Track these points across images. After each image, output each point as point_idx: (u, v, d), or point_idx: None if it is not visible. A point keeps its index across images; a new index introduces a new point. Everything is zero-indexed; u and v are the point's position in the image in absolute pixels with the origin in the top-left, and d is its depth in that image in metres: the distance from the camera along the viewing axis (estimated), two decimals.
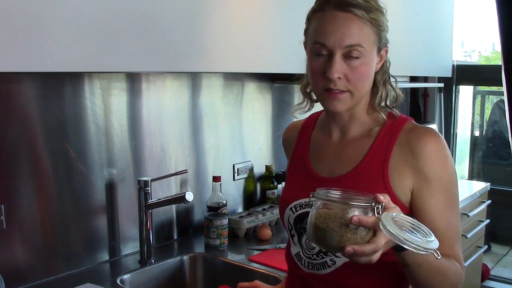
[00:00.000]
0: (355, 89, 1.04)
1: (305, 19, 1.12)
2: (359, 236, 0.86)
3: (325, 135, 1.18)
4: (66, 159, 1.64)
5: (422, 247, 0.82)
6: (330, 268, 1.09)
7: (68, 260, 1.67)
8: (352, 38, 1.01)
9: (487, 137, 4.30)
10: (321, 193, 0.90)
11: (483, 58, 6.42)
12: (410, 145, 1.05)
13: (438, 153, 1.04)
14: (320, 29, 1.04)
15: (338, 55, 1.01)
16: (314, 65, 1.05)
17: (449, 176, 1.05)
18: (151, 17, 1.40)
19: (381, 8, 1.06)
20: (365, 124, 1.12)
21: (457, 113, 3.68)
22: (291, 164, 1.24)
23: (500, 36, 1.34)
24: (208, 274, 1.85)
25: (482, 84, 3.97)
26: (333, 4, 1.02)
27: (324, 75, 1.03)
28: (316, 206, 0.91)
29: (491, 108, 4.31)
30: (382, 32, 1.06)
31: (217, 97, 2.15)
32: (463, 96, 3.79)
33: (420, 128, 1.08)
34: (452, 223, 1.04)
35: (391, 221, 0.83)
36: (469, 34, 6.33)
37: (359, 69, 1.03)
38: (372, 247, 0.85)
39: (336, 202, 0.88)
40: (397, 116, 1.11)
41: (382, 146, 1.08)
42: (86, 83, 1.69)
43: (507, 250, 4.04)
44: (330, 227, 0.87)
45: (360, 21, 1.01)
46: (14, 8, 1.11)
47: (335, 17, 1.02)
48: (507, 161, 4.17)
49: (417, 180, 1.04)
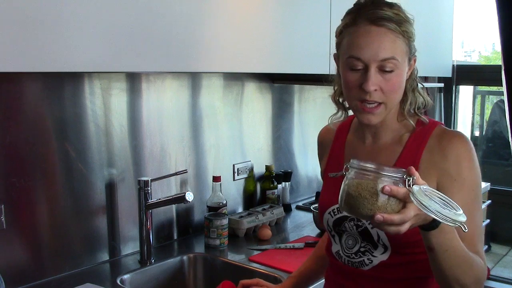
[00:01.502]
0: (389, 100, 1.09)
1: (336, 32, 1.14)
2: (389, 206, 0.88)
3: (358, 140, 1.23)
4: (66, 159, 1.64)
5: (451, 218, 0.84)
6: (367, 266, 1.15)
7: (68, 260, 1.67)
8: (386, 51, 1.04)
9: (487, 137, 4.30)
10: (355, 162, 0.92)
11: (483, 58, 6.42)
12: (440, 147, 1.09)
13: (466, 155, 1.08)
14: (354, 44, 1.07)
15: (373, 68, 1.05)
16: (349, 78, 1.09)
17: (473, 177, 1.09)
18: (151, 17, 1.40)
19: (410, 20, 1.10)
20: (395, 130, 1.17)
21: (457, 113, 3.68)
22: (328, 167, 1.28)
23: (500, 36, 1.34)
24: (208, 274, 1.85)
25: (482, 84, 3.96)
26: (366, 18, 1.05)
27: (360, 88, 1.07)
28: (349, 177, 0.93)
29: (491, 108, 4.31)
30: (412, 43, 1.11)
31: (217, 97, 2.15)
32: (463, 96, 3.79)
33: (450, 132, 1.13)
34: (474, 221, 1.06)
35: (422, 193, 0.85)
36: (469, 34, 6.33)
37: (393, 81, 1.07)
38: (401, 216, 0.87)
39: (369, 172, 0.90)
40: (426, 122, 1.15)
41: (411, 152, 1.13)
42: (86, 83, 1.69)
43: (507, 250, 4.04)
44: (362, 195, 0.89)
45: (393, 34, 1.05)
46: (14, 8, 1.11)
47: (368, 31, 1.05)
48: (507, 161, 4.16)
49: (443, 180, 1.08)
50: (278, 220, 2.24)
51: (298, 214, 2.43)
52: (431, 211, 0.84)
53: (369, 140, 1.20)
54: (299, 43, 1.86)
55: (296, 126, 2.60)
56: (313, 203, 2.39)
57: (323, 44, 1.93)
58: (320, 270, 1.44)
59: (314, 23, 1.91)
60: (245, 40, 1.69)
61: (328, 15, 1.94)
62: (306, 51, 1.89)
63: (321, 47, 1.93)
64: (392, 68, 1.05)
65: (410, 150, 1.13)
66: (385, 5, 1.07)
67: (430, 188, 0.90)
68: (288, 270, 1.69)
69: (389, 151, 1.16)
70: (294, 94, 2.56)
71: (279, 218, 2.23)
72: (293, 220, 2.34)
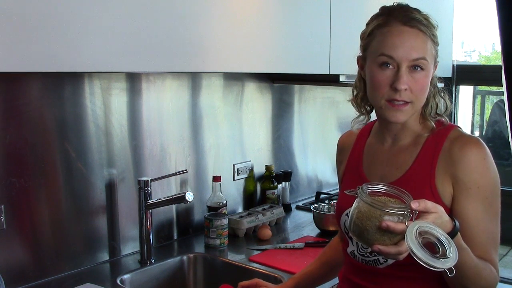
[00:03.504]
0: (416, 99, 1.11)
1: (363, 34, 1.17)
2: (387, 238, 0.95)
3: (378, 143, 1.25)
4: (66, 159, 1.64)
5: (436, 266, 0.89)
6: (382, 264, 1.16)
7: (68, 260, 1.67)
8: (418, 52, 1.08)
9: (487, 137, 4.29)
10: (364, 194, 0.98)
11: (483, 58, 6.41)
12: (451, 153, 1.11)
13: (478, 162, 1.09)
14: (387, 42, 1.10)
15: (404, 67, 1.08)
16: (379, 76, 1.11)
17: (488, 185, 1.09)
18: (151, 17, 1.40)
19: (436, 25, 1.14)
20: (415, 132, 1.19)
21: (457, 113, 3.68)
22: (347, 169, 1.31)
23: (500, 36, 1.34)
24: (208, 274, 1.85)
25: (482, 84, 3.96)
26: (399, 19, 1.09)
27: (390, 86, 1.09)
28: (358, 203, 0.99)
29: (491, 108, 4.31)
30: (437, 48, 1.14)
31: (217, 97, 2.15)
32: (463, 96, 3.79)
33: (463, 137, 1.13)
34: (489, 229, 1.09)
35: (414, 231, 0.90)
36: (469, 34, 6.32)
37: (421, 81, 1.10)
38: (398, 249, 0.93)
39: (374, 207, 0.96)
40: (446, 123, 1.17)
41: (428, 153, 1.14)
42: (86, 83, 1.69)
43: (507, 250, 4.03)
44: (366, 226, 0.96)
45: (424, 36, 1.10)
46: (14, 8, 1.11)
47: (402, 31, 1.09)
48: (507, 161, 4.16)
49: (456, 187, 1.10)
50: (278, 220, 2.24)
51: (298, 214, 2.43)
52: (417, 257, 0.89)
53: (389, 143, 1.22)
54: (299, 43, 1.86)
55: (296, 126, 2.60)
56: (313, 203, 2.39)
57: (323, 44, 1.93)
58: (323, 276, 1.45)
59: (314, 23, 1.91)
60: (245, 40, 1.69)
61: (328, 15, 1.94)
62: (306, 51, 1.89)
63: (321, 47, 1.93)
64: (422, 67, 1.09)
65: (426, 152, 1.14)
66: (415, 10, 1.12)
67: (429, 226, 0.93)
68: (288, 270, 1.69)
69: (407, 153, 1.17)
70: (294, 94, 2.56)
71: (279, 218, 2.23)
72: (293, 220, 2.34)
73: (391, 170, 1.18)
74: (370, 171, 1.23)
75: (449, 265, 0.90)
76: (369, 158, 1.25)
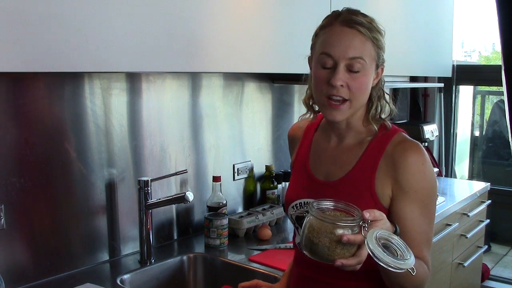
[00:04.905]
0: (354, 98, 1.14)
1: (313, 36, 1.22)
2: (346, 251, 0.98)
3: (324, 140, 1.29)
4: (66, 159, 1.64)
5: (398, 267, 0.94)
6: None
7: (68, 260, 1.67)
8: (355, 51, 1.12)
9: (487, 137, 4.30)
10: (314, 210, 1.00)
11: (483, 58, 6.42)
12: (393, 157, 1.15)
13: (417, 168, 1.14)
14: (327, 41, 1.15)
15: (342, 65, 1.12)
16: (319, 74, 1.16)
17: (425, 190, 1.14)
18: (151, 17, 1.40)
19: (381, 30, 1.17)
20: (360, 134, 1.22)
21: (457, 113, 3.68)
22: (295, 163, 1.33)
23: (500, 36, 1.34)
24: (208, 274, 1.85)
25: (482, 84, 3.97)
26: (340, 21, 1.15)
27: (328, 83, 1.13)
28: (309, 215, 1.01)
29: (491, 108, 4.31)
30: (380, 51, 1.17)
31: (217, 97, 2.15)
32: (463, 96, 3.79)
33: (405, 142, 1.17)
34: (423, 230, 1.15)
35: (374, 239, 0.94)
36: (469, 34, 6.32)
37: (360, 79, 1.13)
38: (358, 260, 0.98)
39: (327, 222, 0.98)
40: (389, 127, 1.21)
41: (371, 156, 1.18)
42: (86, 83, 1.69)
43: (507, 250, 4.04)
44: (322, 242, 0.98)
45: (363, 37, 1.13)
46: (14, 8, 1.11)
47: (341, 31, 1.14)
48: (507, 161, 4.17)
49: (395, 190, 1.14)
50: (278, 220, 2.24)
51: None
52: (380, 261, 0.93)
53: (334, 141, 1.25)
54: (299, 43, 1.85)
55: None
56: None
57: None
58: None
59: (314, 23, 1.90)
60: (245, 40, 1.69)
61: None
62: (306, 51, 1.88)
63: None
64: (359, 68, 1.12)
65: (369, 155, 1.18)
66: (360, 14, 1.17)
67: (383, 232, 0.97)
68: None
69: (351, 154, 1.21)
70: (294, 94, 2.56)
71: (279, 218, 2.23)
72: None
73: (335, 168, 1.22)
74: (316, 168, 1.26)
75: (411, 263, 0.95)
76: (315, 155, 1.28)
